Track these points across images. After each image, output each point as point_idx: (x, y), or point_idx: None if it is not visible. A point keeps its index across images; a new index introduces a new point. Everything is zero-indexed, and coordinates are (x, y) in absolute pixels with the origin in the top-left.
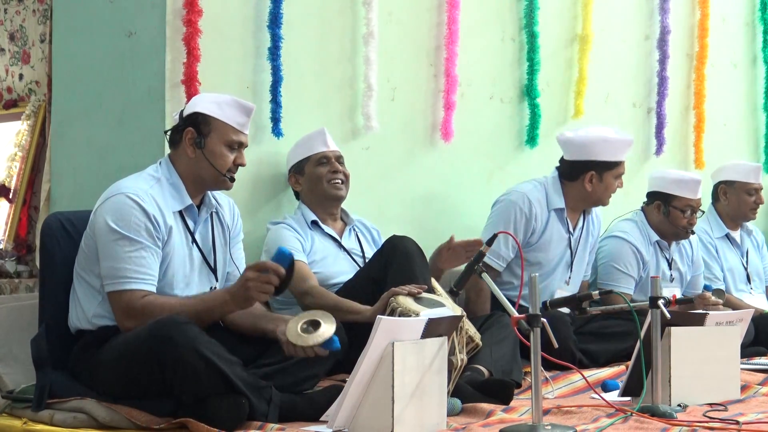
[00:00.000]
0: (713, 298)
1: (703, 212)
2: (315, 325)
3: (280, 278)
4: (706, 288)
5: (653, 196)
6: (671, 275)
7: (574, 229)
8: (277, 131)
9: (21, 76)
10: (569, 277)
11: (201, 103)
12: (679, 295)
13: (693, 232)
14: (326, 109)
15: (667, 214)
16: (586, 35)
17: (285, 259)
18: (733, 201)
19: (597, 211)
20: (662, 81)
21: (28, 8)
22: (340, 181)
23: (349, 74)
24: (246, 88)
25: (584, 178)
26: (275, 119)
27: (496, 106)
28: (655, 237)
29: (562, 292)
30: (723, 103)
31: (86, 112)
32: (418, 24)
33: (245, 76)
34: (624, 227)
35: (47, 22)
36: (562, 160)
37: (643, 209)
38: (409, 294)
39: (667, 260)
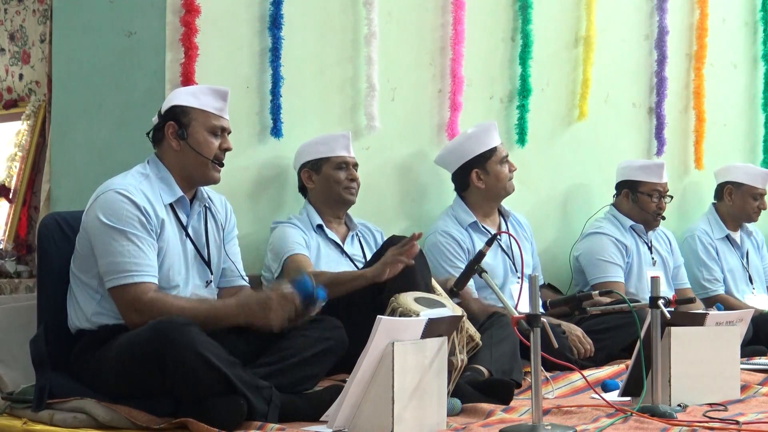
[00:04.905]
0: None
1: (672, 197)
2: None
3: (296, 311)
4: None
5: (621, 186)
6: (653, 258)
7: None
8: (276, 132)
9: (21, 76)
10: (519, 276)
11: (177, 97)
12: (663, 280)
13: (663, 218)
14: (327, 110)
15: (636, 200)
16: (590, 36)
17: (308, 292)
18: (738, 203)
19: (521, 218)
20: (661, 81)
21: (28, 8)
22: (354, 189)
23: (350, 75)
24: (246, 88)
25: (473, 179)
26: (275, 120)
27: (496, 105)
28: (630, 222)
29: (516, 288)
30: (723, 103)
31: (86, 112)
32: (418, 24)
33: (245, 76)
34: (597, 224)
35: (47, 22)
36: (452, 178)
37: (614, 203)
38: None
39: (647, 244)
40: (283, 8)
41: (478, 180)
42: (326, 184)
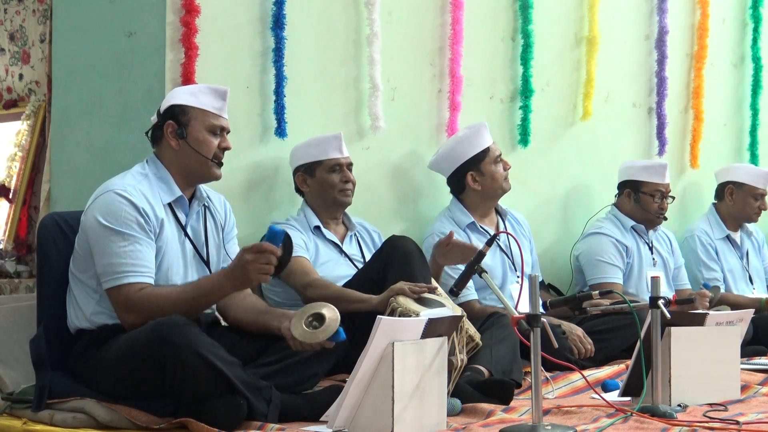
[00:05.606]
0: (708, 293)
1: (674, 198)
2: (319, 318)
3: (278, 258)
4: (705, 286)
5: (623, 186)
6: (653, 259)
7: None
8: (281, 132)
9: (21, 76)
10: (518, 276)
11: (176, 96)
12: (663, 280)
13: (665, 218)
14: (330, 110)
15: (638, 200)
16: (593, 37)
17: (278, 236)
18: (739, 203)
19: (518, 216)
20: (661, 81)
21: (28, 8)
22: (350, 190)
23: (353, 75)
24: (246, 88)
25: (469, 182)
26: (279, 120)
27: (496, 105)
28: (631, 222)
29: (515, 287)
30: (724, 103)
31: (86, 112)
32: (418, 24)
33: (245, 76)
34: (597, 223)
35: (47, 22)
36: (447, 182)
37: (615, 203)
38: (413, 291)
39: (647, 244)
40: (286, 8)
41: (474, 182)
42: (321, 188)
